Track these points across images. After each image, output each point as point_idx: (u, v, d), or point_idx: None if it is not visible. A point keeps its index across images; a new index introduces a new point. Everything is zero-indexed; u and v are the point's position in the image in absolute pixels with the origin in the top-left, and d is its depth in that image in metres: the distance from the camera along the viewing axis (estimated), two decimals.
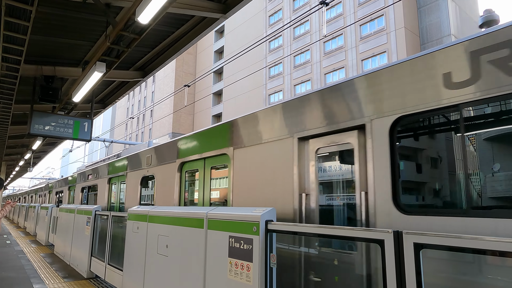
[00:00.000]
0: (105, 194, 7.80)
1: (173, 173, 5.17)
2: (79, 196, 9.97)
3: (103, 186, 8.03)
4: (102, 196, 8.01)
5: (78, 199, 10.12)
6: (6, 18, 3.67)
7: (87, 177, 9.23)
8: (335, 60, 30.57)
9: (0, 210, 5.39)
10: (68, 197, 11.62)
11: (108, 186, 7.83)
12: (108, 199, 7.82)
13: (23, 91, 7.31)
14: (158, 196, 5.54)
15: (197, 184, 4.80)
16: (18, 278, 6.74)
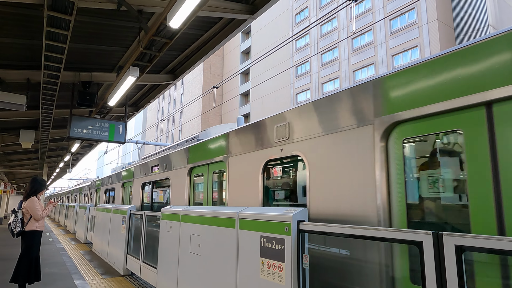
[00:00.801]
0: (185, 190, 5.57)
1: None
2: (138, 194, 8.07)
3: (179, 179, 5.82)
4: (178, 193, 5.84)
5: (137, 198, 8.15)
6: (48, 28, 3.89)
7: (150, 169, 7.35)
8: (364, 56, 29.87)
9: (43, 210, 5.70)
10: (121, 195, 9.80)
11: (188, 179, 5.58)
12: (190, 197, 5.56)
13: (63, 96, 7.71)
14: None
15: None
16: (61, 274, 7.12)
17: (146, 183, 7.70)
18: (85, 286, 6.11)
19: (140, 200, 7.92)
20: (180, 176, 5.82)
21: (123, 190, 9.74)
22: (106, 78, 7.04)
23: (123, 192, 9.78)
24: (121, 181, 9.80)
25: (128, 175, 9.07)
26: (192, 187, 5.54)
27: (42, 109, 7.10)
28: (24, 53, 5.95)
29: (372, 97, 2.64)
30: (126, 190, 9.52)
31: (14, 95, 6.09)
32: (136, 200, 8.14)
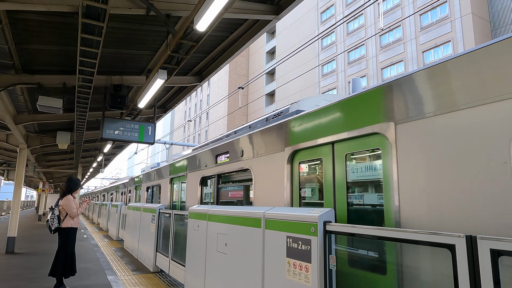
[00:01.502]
0: (285, 184, 3.89)
1: None
2: (194, 191, 6.53)
3: (271, 169, 4.18)
4: (267, 189, 4.24)
5: (193, 196, 6.60)
6: (82, 35, 4.08)
7: (214, 159, 5.78)
8: (392, 53, 29.05)
9: (78, 207, 5.98)
10: (170, 192, 8.30)
11: (288, 169, 3.90)
12: (295, 195, 3.86)
13: (96, 99, 8.05)
14: None
15: None
16: (95, 269, 7.44)
17: (206, 177, 6.25)
18: (117, 282, 6.35)
19: (198, 199, 6.37)
20: (272, 165, 4.14)
21: (171, 187, 8.26)
22: (136, 81, 7.29)
23: (172, 189, 8.28)
24: (168, 176, 8.31)
25: (179, 168, 7.58)
26: (296, 179, 3.79)
27: (77, 111, 7.44)
28: (60, 59, 6.26)
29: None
30: (176, 187, 8.05)
31: (52, 99, 6.44)
32: (192, 199, 6.65)
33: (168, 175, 8.35)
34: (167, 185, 8.42)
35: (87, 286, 6.04)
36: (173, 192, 8.23)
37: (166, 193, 8.48)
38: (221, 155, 5.60)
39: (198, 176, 6.45)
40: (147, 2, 4.05)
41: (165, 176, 8.59)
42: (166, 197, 8.44)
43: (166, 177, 8.54)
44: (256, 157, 4.55)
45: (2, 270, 7.16)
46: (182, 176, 7.52)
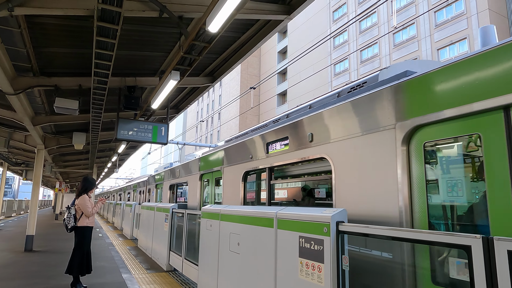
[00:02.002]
0: (401, 180, 2.72)
1: None
2: (235, 190, 5.60)
3: (359, 156, 3.19)
4: (361, 186, 3.16)
5: (233, 196, 5.66)
6: (98, 37, 4.17)
7: (265, 148, 4.77)
8: (406, 51, 28.62)
9: (93, 207, 6.10)
10: (199, 191, 7.26)
11: (404, 152, 2.75)
12: (420, 199, 2.66)
13: (110, 101, 8.20)
14: None
15: None
16: (110, 267, 7.57)
17: (251, 171, 5.19)
18: (132, 280, 6.45)
19: (240, 198, 5.37)
20: (370, 150, 3.03)
21: (201, 184, 7.24)
22: (149, 82, 7.39)
23: (202, 187, 7.23)
24: (198, 171, 7.26)
25: (212, 162, 6.57)
26: (418, 169, 2.63)
27: (92, 112, 7.60)
28: (76, 62, 6.40)
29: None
30: (208, 184, 7.06)
31: (68, 101, 6.59)
32: (231, 198, 5.67)
33: (198, 171, 7.27)
34: (196, 182, 7.34)
35: (102, 284, 6.16)
36: (203, 190, 7.24)
37: (194, 191, 7.42)
38: (275, 143, 4.54)
39: (240, 171, 5.44)
40: (160, 5, 4.11)
41: (194, 172, 7.54)
42: (194, 196, 7.37)
43: (194, 173, 7.48)
44: (339, 141, 3.41)
45: (21, 268, 7.37)
46: (216, 172, 6.51)
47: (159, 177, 11.18)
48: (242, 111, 48.07)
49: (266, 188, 4.76)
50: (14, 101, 6.57)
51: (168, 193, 9.90)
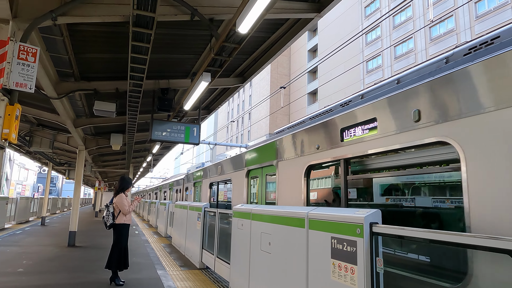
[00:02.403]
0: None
1: None
2: (296, 187, 4.75)
3: None
4: None
5: (292, 194, 4.85)
6: (133, 42, 4.34)
7: (339, 135, 3.97)
8: (444, 45, 27.29)
9: (130, 205, 6.34)
10: (247, 190, 6.51)
11: None
12: None
13: (145, 103, 8.50)
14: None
15: None
16: (145, 264, 7.85)
17: (316, 165, 4.31)
18: (166, 276, 6.65)
19: (302, 198, 4.50)
20: None
21: (248, 181, 6.41)
22: (181, 84, 7.58)
23: (249, 185, 6.44)
24: (244, 167, 6.43)
25: (262, 155, 5.71)
26: None
27: (128, 114, 7.91)
28: (113, 66, 6.70)
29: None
30: (256, 182, 6.19)
31: (106, 103, 6.90)
32: (289, 197, 4.82)
33: (244, 167, 6.49)
34: (241, 179, 6.54)
35: (139, 279, 6.40)
36: (251, 188, 6.43)
37: (240, 189, 6.70)
38: (354, 128, 3.66)
39: (301, 165, 4.58)
40: (191, 8, 4.20)
41: (239, 168, 6.77)
42: (239, 195, 6.62)
43: (239, 169, 6.71)
44: (475, 116, 2.46)
45: (65, 261, 7.82)
46: (267, 167, 5.72)
47: (198, 174, 10.33)
48: (272, 111, 48.03)
49: (342, 186, 3.85)
50: (57, 105, 6.99)
51: (208, 191, 9.18)
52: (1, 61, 3.32)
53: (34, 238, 11.97)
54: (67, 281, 6.10)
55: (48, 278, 6.24)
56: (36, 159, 18.49)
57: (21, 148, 14.99)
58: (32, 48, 3.54)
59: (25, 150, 15.49)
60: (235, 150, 46.63)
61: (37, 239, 11.73)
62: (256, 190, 6.30)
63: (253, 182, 6.41)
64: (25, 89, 3.45)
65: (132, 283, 6.07)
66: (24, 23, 3.57)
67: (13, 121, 3.36)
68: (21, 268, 6.98)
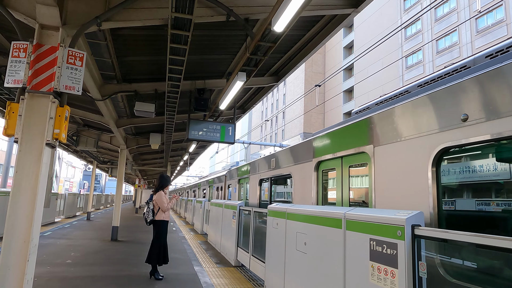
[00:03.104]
0: None
1: None
2: (412, 185, 3.29)
3: None
4: None
5: (409, 196, 3.33)
6: (171, 44, 4.48)
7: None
8: (492, 38, 25.53)
9: (169, 202, 6.55)
10: (316, 187, 5.28)
11: None
12: None
13: (182, 103, 8.73)
14: None
15: None
16: (183, 260, 8.08)
17: (454, 149, 2.98)
18: (202, 273, 6.80)
19: (431, 202, 3.07)
20: None
21: (317, 176, 5.11)
22: (217, 84, 7.71)
23: (319, 181, 5.12)
24: (311, 158, 5.13)
25: (345, 141, 4.49)
26: None
27: (166, 115, 8.18)
28: (152, 68, 6.95)
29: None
30: (329, 177, 4.98)
31: (146, 104, 7.18)
32: (405, 196, 3.41)
33: (311, 157, 5.10)
34: (307, 173, 5.19)
35: (177, 274, 6.60)
36: (321, 184, 5.07)
37: (305, 186, 5.36)
38: None
39: (423, 149, 3.20)
40: (227, 9, 4.25)
41: (303, 160, 5.43)
42: (305, 193, 5.29)
43: (305, 161, 5.36)
44: None
45: (109, 255, 8.24)
46: (352, 156, 4.42)
47: (244, 169, 9.09)
48: (306, 110, 47.52)
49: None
50: (101, 106, 7.37)
51: (257, 189, 7.83)
52: (52, 66, 3.55)
53: (80, 232, 12.74)
54: (112, 273, 6.43)
55: (94, 270, 6.61)
56: (82, 157, 19.67)
57: (69, 147, 16.01)
58: (79, 52, 3.76)
59: (72, 149, 16.52)
60: (269, 149, 46.56)
61: (83, 232, 12.47)
62: (332, 186, 4.86)
63: (327, 177, 4.88)
64: (73, 91, 3.67)
65: (170, 278, 6.28)
66: (72, 30, 3.79)
67: (63, 122, 3.59)
68: (69, 260, 7.45)
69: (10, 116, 3.43)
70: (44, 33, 3.61)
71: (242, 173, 9.48)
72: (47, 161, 3.54)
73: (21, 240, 3.26)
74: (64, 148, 16.07)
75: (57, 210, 16.77)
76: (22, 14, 3.59)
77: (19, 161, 3.35)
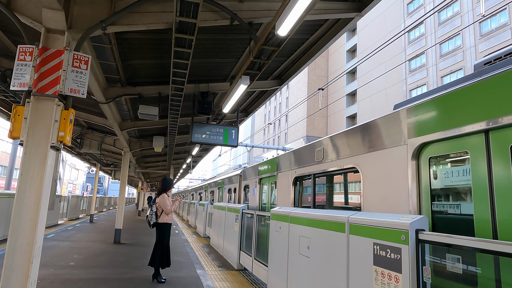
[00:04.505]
0: None
1: None
2: None
3: None
4: None
5: None
6: (175, 48, 4.50)
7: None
8: (495, 41, 25.47)
9: (172, 205, 6.56)
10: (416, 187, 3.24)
11: None
12: None
13: (185, 106, 8.77)
14: None
15: None
16: (185, 263, 8.07)
17: None
18: (205, 276, 6.79)
19: None
20: None
21: (419, 169, 3.26)
22: (220, 88, 7.73)
23: (419, 176, 3.25)
24: (400, 142, 3.46)
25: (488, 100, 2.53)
26: None
27: (170, 118, 8.20)
28: (156, 71, 6.98)
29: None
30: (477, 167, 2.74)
31: (150, 107, 7.22)
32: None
33: (401, 140, 3.46)
34: (394, 164, 3.54)
35: (179, 277, 6.59)
36: (427, 185, 3.20)
37: (388, 186, 3.64)
38: None
39: None
40: (231, 13, 4.28)
41: (383, 144, 3.75)
42: (390, 196, 3.59)
43: (386, 146, 3.70)
44: None
45: (111, 257, 8.25)
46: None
47: (269, 166, 7.50)
48: (309, 113, 47.50)
49: None
50: (105, 109, 7.41)
51: (290, 190, 6.25)
52: (58, 69, 3.58)
53: (83, 234, 12.77)
54: (115, 276, 6.43)
55: (97, 273, 6.62)
56: (85, 160, 19.75)
57: (73, 150, 16.09)
58: (85, 56, 3.79)
59: (76, 152, 16.60)
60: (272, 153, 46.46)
61: (86, 235, 12.50)
62: (451, 183, 2.98)
63: (442, 169, 3.08)
64: (78, 94, 3.70)
65: (173, 281, 6.27)
66: (77, 33, 3.83)
67: (67, 125, 3.61)
68: (72, 262, 7.47)
69: (15, 119, 3.45)
70: (50, 37, 3.64)
71: (265, 171, 7.72)
72: (52, 164, 3.57)
73: (25, 242, 3.28)
74: (67, 151, 16.15)
75: (60, 212, 16.83)
76: (29, 18, 3.63)
77: (24, 164, 3.38)
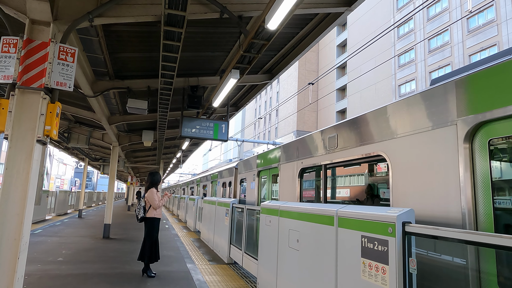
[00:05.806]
0: None
1: None
2: None
3: None
4: None
5: None
6: (164, 41, 4.45)
7: None
8: (483, 37, 25.85)
9: (160, 200, 6.53)
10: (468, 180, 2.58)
11: None
12: None
13: (175, 100, 8.69)
14: None
15: None
16: (176, 257, 8.07)
17: None
18: (195, 270, 6.81)
19: None
20: None
21: (474, 156, 2.63)
22: (210, 82, 7.68)
23: (476, 169, 2.62)
24: (448, 120, 2.78)
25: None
26: None
27: (159, 112, 8.13)
28: (145, 65, 6.89)
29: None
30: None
31: (138, 101, 7.13)
32: None
33: (452, 116, 2.80)
34: (439, 151, 2.94)
35: (169, 272, 6.59)
36: (486, 177, 2.59)
37: (431, 177, 3.03)
38: None
39: None
40: (220, 6, 4.24)
41: (420, 126, 3.15)
42: (436, 189, 2.96)
43: (424, 128, 3.09)
44: None
45: (101, 252, 8.19)
46: None
47: (271, 156, 6.84)
48: (300, 108, 47.64)
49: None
50: (93, 103, 7.30)
51: (296, 183, 5.69)
52: (43, 62, 3.51)
53: (72, 229, 12.63)
54: (104, 271, 6.40)
55: (86, 268, 6.57)
56: (73, 154, 19.46)
57: (60, 144, 15.83)
58: (71, 48, 3.71)
59: (64, 146, 16.34)
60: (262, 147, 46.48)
61: (75, 230, 12.37)
62: None
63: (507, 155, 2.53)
64: (64, 88, 3.63)
65: (163, 276, 6.27)
66: (63, 25, 3.74)
67: (54, 119, 3.55)
68: (61, 258, 7.39)
69: (0, 113, 3.38)
70: (35, 28, 3.55)
71: (265, 162, 7.09)
72: (38, 158, 3.51)
73: (11, 238, 3.23)
74: (55, 145, 15.88)
75: (48, 208, 16.59)
76: (12, 8, 3.54)
77: (10, 158, 3.31)
